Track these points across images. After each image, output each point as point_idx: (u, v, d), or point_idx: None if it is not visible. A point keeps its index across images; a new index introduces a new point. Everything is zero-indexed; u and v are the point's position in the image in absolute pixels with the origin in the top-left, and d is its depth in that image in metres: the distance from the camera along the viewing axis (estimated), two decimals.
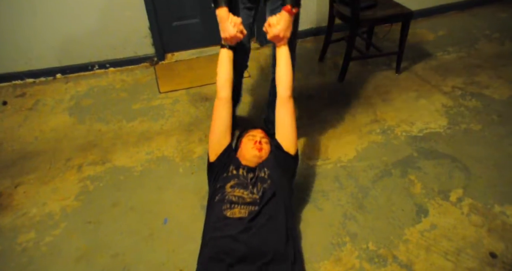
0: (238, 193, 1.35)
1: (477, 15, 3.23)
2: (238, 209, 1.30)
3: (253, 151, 1.49)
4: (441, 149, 1.90)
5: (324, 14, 2.72)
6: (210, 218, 1.35)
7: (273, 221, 1.28)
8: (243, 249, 1.19)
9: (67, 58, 2.59)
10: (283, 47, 1.53)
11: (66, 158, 1.94)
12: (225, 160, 1.49)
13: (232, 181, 1.40)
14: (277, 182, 1.42)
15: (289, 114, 1.52)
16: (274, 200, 1.34)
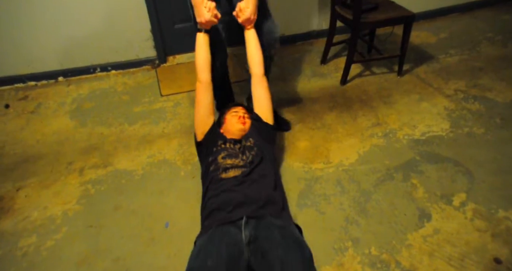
0: (230, 162, 1.51)
1: (479, 17, 3.22)
2: (232, 171, 1.47)
3: (238, 125, 1.65)
4: (444, 152, 1.89)
5: (325, 16, 2.72)
6: (208, 185, 1.48)
7: (263, 178, 1.48)
8: (240, 197, 1.37)
9: (69, 61, 2.60)
10: (251, 29, 1.68)
11: (67, 162, 1.93)
12: (212, 137, 1.63)
13: (222, 153, 1.55)
14: (262, 148, 1.60)
15: (264, 89, 1.72)
16: (263, 163, 1.53)
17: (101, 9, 2.45)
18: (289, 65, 2.70)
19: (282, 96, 2.37)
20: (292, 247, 1.23)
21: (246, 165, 1.49)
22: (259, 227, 1.28)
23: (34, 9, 2.33)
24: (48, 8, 2.35)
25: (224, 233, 1.28)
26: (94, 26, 2.50)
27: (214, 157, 1.55)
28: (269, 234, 1.26)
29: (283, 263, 1.16)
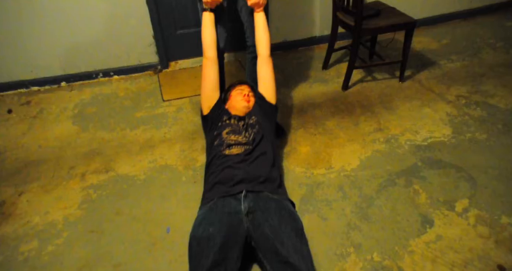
0: (233, 138, 1.62)
1: (481, 24, 3.23)
2: (235, 148, 1.58)
3: (242, 102, 1.73)
4: (446, 158, 1.88)
5: (327, 22, 2.73)
6: (211, 160, 1.60)
7: (264, 155, 1.59)
8: (242, 173, 1.49)
9: (71, 66, 2.61)
10: (261, 13, 1.78)
11: (69, 167, 1.94)
12: (217, 112, 1.75)
13: (227, 129, 1.66)
14: (264, 126, 1.70)
15: (269, 70, 1.82)
16: (263, 141, 1.64)
17: (104, 15, 2.46)
18: (291, 71, 2.71)
19: (284, 101, 2.37)
20: (286, 218, 1.38)
21: (249, 142, 1.60)
22: (257, 200, 1.41)
23: (37, 15, 2.35)
24: (51, 14, 2.37)
25: (225, 204, 1.40)
26: (97, 32, 2.52)
27: (219, 131, 1.66)
28: (266, 206, 1.40)
29: (278, 231, 1.32)
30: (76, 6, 2.38)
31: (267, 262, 1.30)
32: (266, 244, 1.30)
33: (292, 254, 1.26)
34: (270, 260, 1.29)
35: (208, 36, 1.77)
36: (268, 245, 1.30)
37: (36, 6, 2.31)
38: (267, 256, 1.30)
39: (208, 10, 1.75)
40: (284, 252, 1.26)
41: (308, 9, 2.85)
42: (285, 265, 1.24)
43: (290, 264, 1.24)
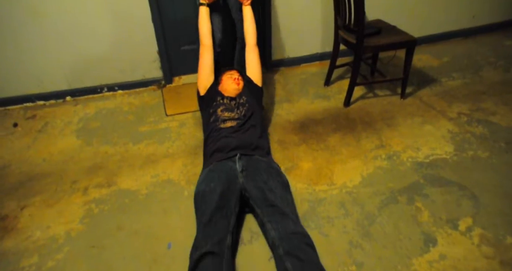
0: (227, 114, 1.90)
1: (481, 43, 3.27)
2: (229, 122, 1.88)
3: (233, 85, 2.03)
4: (448, 176, 1.88)
5: (328, 39, 2.78)
6: (208, 133, 1.89)
7: (254, 128, 1.90)
8: (236, 142, 1.78)
9: (77, 81, 2.65)
10: (248, 6, 2.10)
11: (72, 181, 1.94)
12: (212, 92, 2.03)
13: (221, 107, 1.94)
14: (253, 104, 2.00)
15: (256, 56, 2.12)
16: (253, 116, 1.94)
17: (110, 32, 2.52)
18: (293, 87, 2.74)
19: (286, 116, 2.39)
20: (273, 174, 1.68)
21: (240, 117, 1.90)
22: (250, 161, 1.72)
23: (45, 30, 2.40)
24: (58, 30, 2.42)
25: (223, 165, 1.70)
26: (103, 48, 2.56)
27: (214, 109, 1.95)
28: (257, 165, 1.70)
29: (267, 183, 1.61)
30: (83, 23, 2.43)
31: (258, 208, 1.55)
32: (257, 193, 1.58)
33: (278, 200, 1.54)
34: (260, 206, 1.55)
35: (205, 26, 2.07)
36: (259, 194, 1.57)
37: (44, 22, 2.37)
38: (258, 203, 1.56)
39: (205, 5, 2.06)
40: (271, 198, 1.54)
41: (310, 26, 2.90)
42: (273, 208, 1.52)
43: (277, 207, 1.51)
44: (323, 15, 2.85)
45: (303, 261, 1.33)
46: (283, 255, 1.36)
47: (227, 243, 1.43)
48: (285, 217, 1.48)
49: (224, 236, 1.44)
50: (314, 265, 1.35)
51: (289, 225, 1.45)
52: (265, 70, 2.99)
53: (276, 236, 1.42)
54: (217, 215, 1.49)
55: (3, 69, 2.48)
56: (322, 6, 2.81)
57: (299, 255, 1.34)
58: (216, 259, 1.37)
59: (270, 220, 1.48)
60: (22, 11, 2.29)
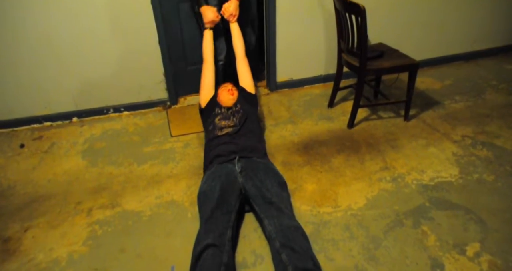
0: (224, 123, 2.06)
1: (482, 66, 3.31)
2: (226, 130, 2.02)
3: (228, 96, 2.19)
4: (454, 199, 1.86)
5: (332, 61, 2.82)
6: (208, 141, 2.05)
7: (250, 132, 2.05)
8: (233, 147, 1.92)
9: (83, 102, 2.69)
10: (235, 23, 2.34)
11: (76, 202, 1.94)
12: (212, 104, 2.21)
13: (219, 116, 2.11)
14: (247, 111, 2.16)
15: (246, 67, 2.34)
16: (247, 122, 2.09)
17: (117, 54, 2.57)
18: (297, 108, 2.76)
19: (291, 138, 2.40)
20: (270, 174, 1.81)
21: (236, 124, 2.05)
22: (248, 162, 1.85)
23: (53, 53, 2.46)
24: (65, 52, 2.47)
25: (223, 167, 1.82)
26: (110, 70, 2.62)
27: (213, 119, 2.12)
28: (255, 166, 1.83)
29: (264, 182, 1.73)
30: (91, 45, 2.49)
31: (256, 205, 1.68)
32: (255, 191, 1.70)
33: (274, 197, 1.67)
34: (258, 203, 1.67)
35: (208, 47, 2.31)
36: (257, 192, 1.70)
37: (54, 45, 2.43)
38: (256, 200, 1.69)
39: (208, 28, 2.30)
40: (268, 196, 1.67)
41: (313, 49, 2.95)
42: (269, 205, 1.64)
43: (273, 204, 1.64)
44: (326, 38, 2.91)
45: (297, 252, 1.46)
46: (279, 247, 1.49)
47: (228, 236, 1.55)
48: (281, 213, 1.62)
49: (224, 230, 1.56)
50: (307, 255, 1.47)
51: (284, 220, 1.59)
52: (269, 91, 3.03)
53: (273, 230, 1.56)
54: (217, 211, 1.62)
55: (12, 91, 2.53)
56: (325, 29, 2.87)
57: (293, 246, 1.47)
58: (217, 250, 1.47)
59: (267, 215, 1.62)
60: (34, 35, 2.37)
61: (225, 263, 1.44)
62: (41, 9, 2.30)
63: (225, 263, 1.44)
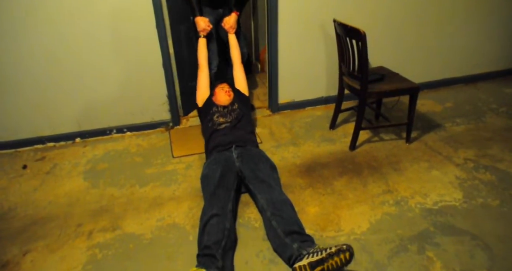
0: (222, 120, 2.33)
1: (482, 89, 3.35)
2: (223, 125, 2.30)
3: (225, 96, 2.44)
4: (459, 224, 1.84)
5: (333, 83, 2.85)
6: (209, 136, 2.29)
7: (244, 127, 2.33)
8: (230, 137, 2.21)
9: (87, 123, 2.71)
10: (233, 34, 2.66)
11: (76, 224, 1.92)
12: (208, 104, 2.46)
13: (216, 114, 2.37)
14: (243, 109, 2.43)
15: (242, 73, 2.64)
16: (243, 119, 2.37)
17: (121, 76, 2.62)
18: (299, 130, 2.78)
19: (292, 160, 2.40)
20: (263, 159, 2.12)
21: (233, 121, 2.33)
22: (243, 150, 2.15)
23: (59, 75, 2.50)
24: (69, 72, 2.51)
25: (222, 154, 2.12)
26: (114, 91, 2.65)
27: (211, 117, 2.37)
28: (250, 152, 2.14)
29: (258, 165, 2.04)
30: (96, 68, 2.54)
31: (250, 184, 1.95)
32: (250, 173, 1.99)
33: (266, 177, 1.96)
34: (253, 182, 1.95)
35: (202, 53, 2.58)
36: (251, 173, 1.98)
37: (60, 67, 2.47)
38: (251, 180, 1.96)
39: (201, 36, 2.59)
40: (261, 176, 1.96)
41: (315, 71, 3.00)
42: (262, 183, 1.92)
43: (265, 181, 1.93)
44: (327, 60, 2.96)
45: (285, 218, 1.73)
46: (269, 216, 1.76)
47: (229, 208, 1.81)
48: (271, 189, 1.89)
49: (226, 204, 1.82)
50: (293, 220, 1.74)
51: (274, 195, 1.86)
52: (271, 112, 3.06)
53: (264, 203, 1.82)
54: (219, 189, 1.88)
55: (17, 112, 2.55)
56: (326, 52, 2.93)
57: (281, 214, 1.74)
58: (220, 218, 1.73)
59: (259, 191, 1.89)
60: (39, 56, 2.41)
61: (228, 228, 1.71)
62: (46, 31, 2.35)
63: (227, 228, 1.71)
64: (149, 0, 2.42)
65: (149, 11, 2.46)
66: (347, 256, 1.48)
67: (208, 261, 1.56)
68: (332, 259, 1.47)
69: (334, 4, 2.75)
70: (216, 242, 1.63)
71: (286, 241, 1.64)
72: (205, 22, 2.56)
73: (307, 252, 1.56)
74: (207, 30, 2.59)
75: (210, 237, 1.64)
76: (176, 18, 2.68)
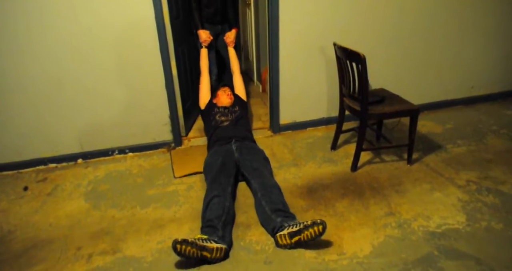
0: (223, 118, 2.65)
1: (482, 111, 3.38)
2: (225, 123, 2.62)
3: (227, 99, 2.77)
4: (463, 248, 1.81)
5: (334, 104, 2.88)
6: (212, 133, 2.60)
7: (242, 126, 2.66)
8: (231, 134, 2.53)
9: (89, 144, 2.73)
10: (232, 47, 3.08)
11: (76, 247, 1.90)
12: (210, 106, 2.78)
13: (218, 114, 2.68)
14: (242, 112, 2.76)
15: (241, 80, 3.00)
16: (242, 119, 2.70)
17: (123, 98, 2.65)
18: (300, 150, 2.78)
19: (294, 181, 2.40)
20: (258, 152, 2.46)
21: (233, 120, 2.65)
22: (241, 144, 2.46)
23: (59, 95, 2.53)
24: (72, 94, 2.55)
25: (223, 147, 2.44)
26: (117, 113, 2.68)
27: (213, 116, 2.68)
28: (246, 146, 2.46)
29: (253, 156, 2.37)
30: (98, 88, 2.57)
31: (246, 172, 2.28)
32: (246, 163, 2.31)
33: (259, 166, 2.28)
34: (248, 171, 2.27)
35: (204, 62, 2.94)
36: (247, 163, 2.31)
37: (59, 87, 2.51)
38: (246, 169, 2.29)
39: (203, 47, 2.98)
40: (255, 165, 2.28)
41: (316, 92, 3.03)
42: (255, 171, 2.24)
43: (258, 170, 2.25)
44: (328, 82, 3.00)
45: (273, 199, 2.02)
46: (260, 197, 2.06)
47: (228, 191, 2.10)
48: (263, 176, 2.20)
49: (226, 187, 2.11)
50: (279, 201, 2.03)
51: (265, 180, 2.16)
52: (272, 133, 3.07)
53: (256, 186, 2.13)
54: (220, 175, 2.18)
55: (19, 134, 2.58)
56: (327, 74, 2.97)
57: (270, 196, 2.04)
58: (221, 198, 2.02)
59: (253, 177, 2.21)
60: (42, 78, 2.45)
61: (227, 206, 2.00)
62: (49, 53, 2.40)
63: (227, 206, 2.00)
64: (153, 23, 2.48)
65: (153, 35, 2.51)
66: (320, 229, 1.78)
67: (210, 231, 1.86)
68: (307, 231, 1.79)
69: (335, 27, 2.81)
70: (217, 216, 1.92)
71: (272, 217, 1.95)
72: (206, 34, 3.00)
73: (288, 224, 1.86)
74: (208, 41, 3.00)
75: (212, 213, 1.94)
76: (178, 39, 2.76)
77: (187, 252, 1.69)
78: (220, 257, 1.78)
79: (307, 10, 2.71)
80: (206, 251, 1.72)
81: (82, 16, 2.35)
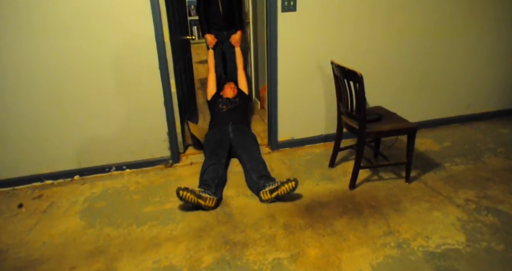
0: (224, 106, 3.19)
1: (479, 129, 3.40)
2: (224, 110, 3.16)
3: (231, 91, 3.33)
4: (464, 269, 1.78)
5: (332, 121, 2.89)
6: (213, 116, 3.21)
7: (240, 114, 3.17)
8: (229, 118, 3.05)
9: (86, 160, 2.71)
10: (238, 47, 3.67)
11: (70, 267, 1.86)
12: (216, 97, 3.36)
13: (221, 103, 3.24)
14: (242, 103, 3.27)
15: (244, 76, 3.55)
16: (240, 109, 3.22)
17: (122, 113, 2.65)
18: (298, 168, 2.77)
19: (291, 198, 2.38)
20: (250, 134, 2.98)
21: (232, 108, 3.17)
22: (237, 127, 2.97)
23: (56, 111, 2.53)
24: (70, 110, 2.55)
25: (221, 127, 2.96)
26: (114, 128, 2.68)
27: (217, 105, 3.24)
28: (241, 129, 2.96)
29: (245, 138, 2.86)
30: (96, 104, 2.57)
31: (237, 149, 2.78)
32: (239, 143, 2.81)
33: (249, 145, 2.79)
34: (240, 148, 2.77)
35: (211, 61, 3.58)
36: (240, 143, 2.81)
37: (56, 103, 2.51)
38: (238, 147, 2.79)
39: (211, 48, 3.64)
40: (245, 144, 2.79)
41: (314, 110, 3.05)
42: (245, 149, 2.74)
43: (248, 148, 2.75)
44: (326, 99, 3.02)
45: (259, 170, 2.51)
46: (248, 168, 2.56)
47: (223, 162, 2.62)
48: (252, 152, 2.71)
49: (221, 158, 2.63)
50: (264, 172, 2.51)
51: (253, 156, 2.67)
52: (270, 150, 3.07)
53: (245, 160, 2.64)
54: (217, 148, 2.71)
55: (15, 150, 2.56)
56: (325, 91, 2.99)
57: (258, 168, 2.53)
58: (216, 166, 2.53)
59: (242, 152, 2.72)
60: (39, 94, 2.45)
61: (221, 173, 2.52)
62: (47, 69, 2.41)
63: (220, 173, 2.51)
64: (153, 41, 2.51)
65: (153, 53, 2.54)
66: (293, 184, 2.29)
67: (206, 187, 2.35)
68: (283, 186, 2.28)
69: (332, 46, 2.85)
70: (211, 178, 2.42)
71: (257, 181, 2.43)
72: (211, 37, 3.66)
73: (269, 184, 2.35)
74: (213, 43, 3.65)
75: (208, 176, 2.44)
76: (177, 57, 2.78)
77: (187, 197, 2.20)
78: (212, 206, 2.28)
79: (306, 30, 2.76)
80: (201, 199, 2.23)
81: (80, 36, 2.37)
